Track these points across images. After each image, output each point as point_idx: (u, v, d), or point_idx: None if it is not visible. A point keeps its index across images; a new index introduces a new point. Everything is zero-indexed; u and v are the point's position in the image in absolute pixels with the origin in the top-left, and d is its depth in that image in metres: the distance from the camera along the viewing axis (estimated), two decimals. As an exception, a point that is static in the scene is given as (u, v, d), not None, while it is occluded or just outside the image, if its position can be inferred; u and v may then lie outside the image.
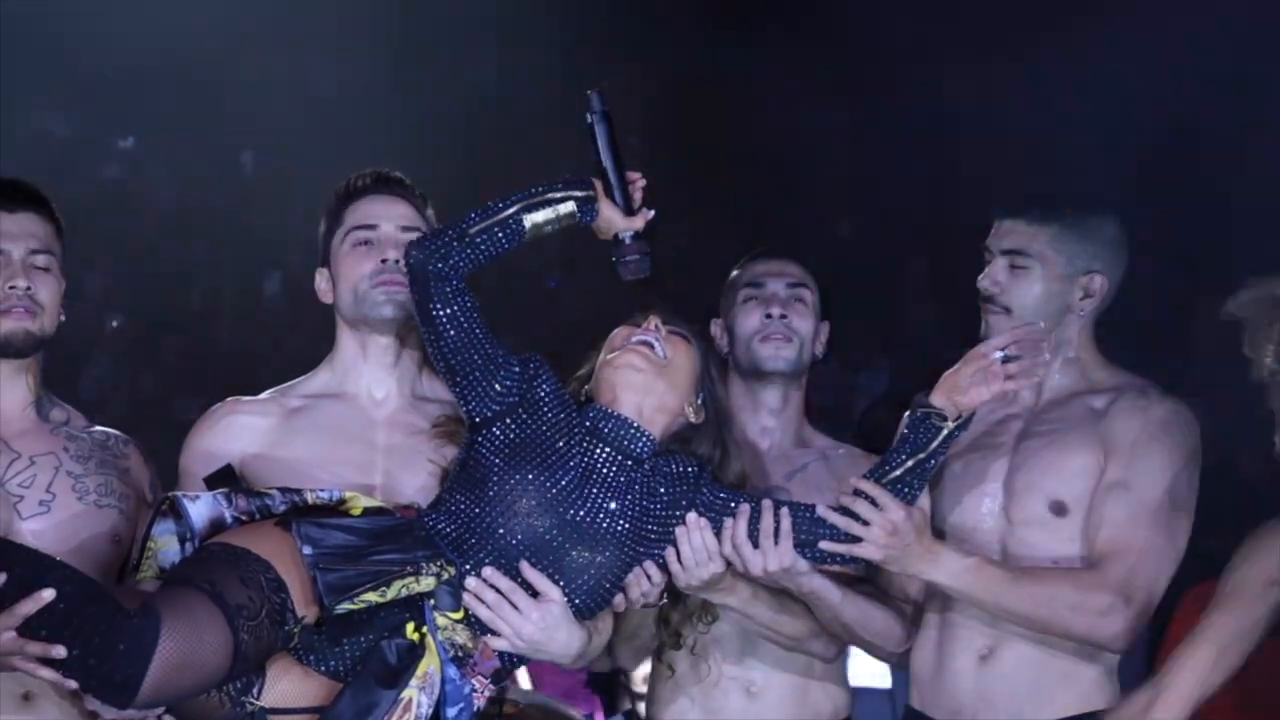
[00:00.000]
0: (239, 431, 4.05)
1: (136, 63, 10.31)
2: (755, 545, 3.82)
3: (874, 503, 3.80)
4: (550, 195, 3.84)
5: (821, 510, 3.84)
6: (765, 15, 10.58)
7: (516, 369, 3.83)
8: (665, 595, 3.93)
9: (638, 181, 3.90)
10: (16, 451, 3.96)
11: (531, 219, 3.83)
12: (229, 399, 4.14)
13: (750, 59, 10.32)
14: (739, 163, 10.62)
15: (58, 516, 3.90)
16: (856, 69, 10.39)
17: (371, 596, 3.57)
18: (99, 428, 4.12)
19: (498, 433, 3.78)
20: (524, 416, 3.80)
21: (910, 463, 3.83)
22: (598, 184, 3.86)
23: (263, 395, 4.15)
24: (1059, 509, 3.99)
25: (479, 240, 3.80)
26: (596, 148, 3.88)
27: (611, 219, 3.86)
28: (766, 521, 3.82)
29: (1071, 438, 4.02)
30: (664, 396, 3.85)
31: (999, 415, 4.15)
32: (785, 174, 10.47)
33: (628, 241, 3.88)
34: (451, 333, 3.79)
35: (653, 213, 3.90)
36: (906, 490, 3.83)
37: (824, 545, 3.83)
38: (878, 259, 9.98)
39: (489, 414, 3.80)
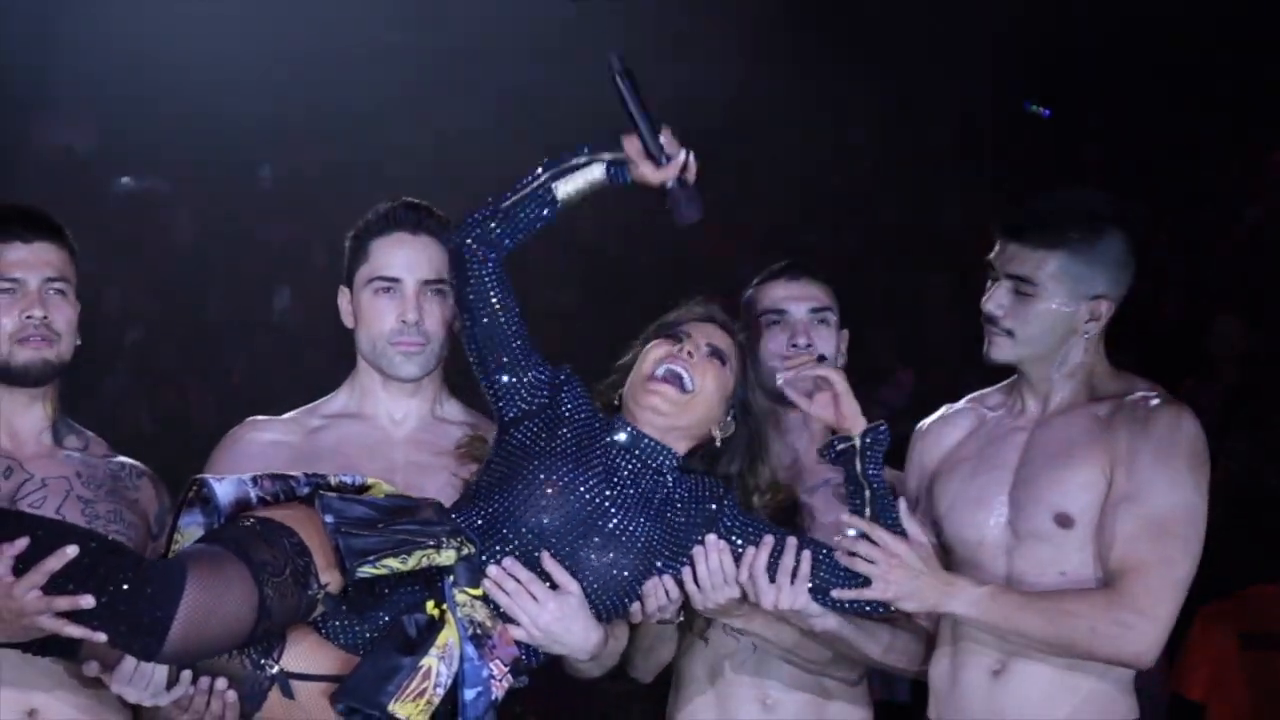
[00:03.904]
0: (260, 450, 4.09)
1: (156, 78, 10.33)
2: (772, 579, 3.81)
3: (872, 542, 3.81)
4: (576, 163, 3.85)
5: (838, 555, 3.83)
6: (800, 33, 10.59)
7: (546, 373, 3.87)
8: (683, 613, 3.93)
9: (673, 140, 3.85)
10: (29, 473, 4.01)
11: (562, 188, 3.85)
12: (249, 419, 4.19)
13: (790, 75, 10.34)
14: (765, 174, 10.62)
15: None
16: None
17: (392, 562, 3.59)
18: (119, 458, 4.17)
19: (526, 431, 3.82)
20: (550, 419, 3.84)
21: (862, 498, 3.84)
22: (628, 142, 3.84)
23: (285, 415, 4.19)
24: (1064, 522, 3.96)
25: (515, 214, 3.84)
26: (625, 107, 3.85)
27: (647, 174, 3.85)
28: (788, 559, 3.81)
29: (1075, 450, 3.97)
30: (689, 426, 3.87)
31: (1004, 428, 4.12)
32: (809, 185, 10.47)
33: (674, 188, 3.85)
34: (485, 320, 3.83)
35: (691, 156, 3.86)
36: (886, 524, 3.84)
37: (836, 593, 3.83)
38: (900, 271, 9.96)
39: (517, 411, 3.84)
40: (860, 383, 3.94)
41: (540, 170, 3.85)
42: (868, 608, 3.86)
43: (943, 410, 4.27)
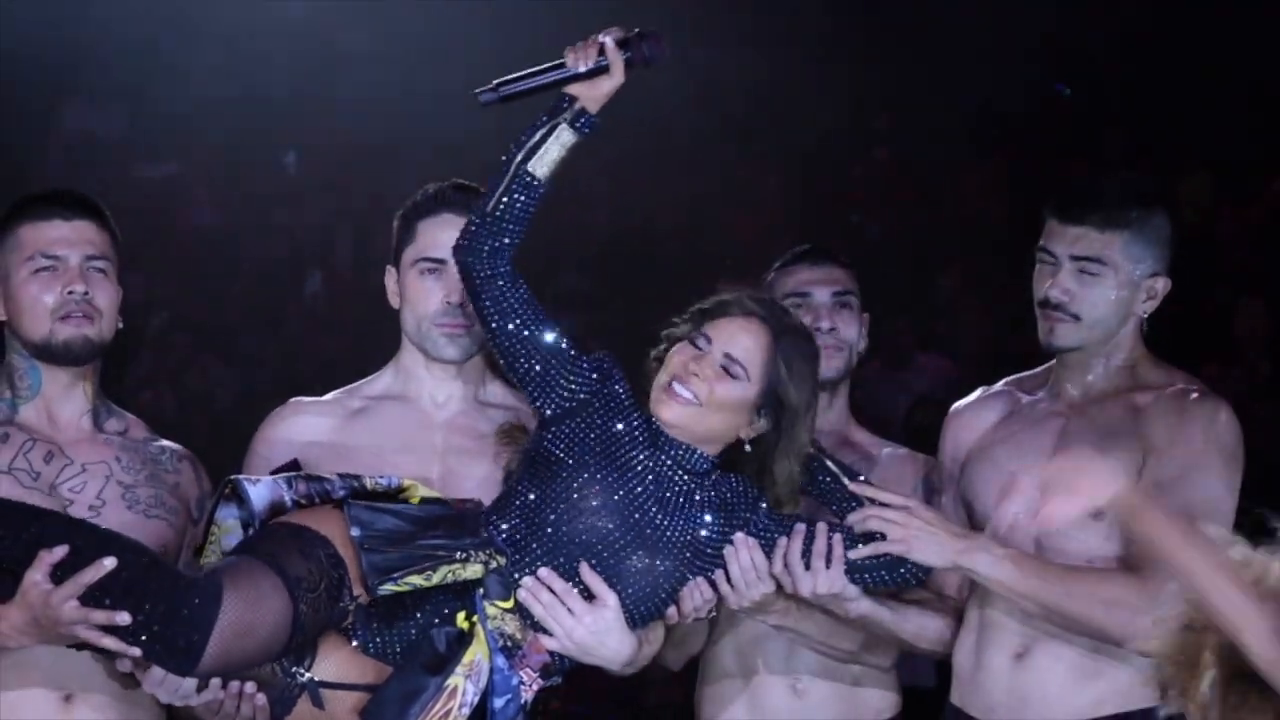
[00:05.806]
0: (301, 431, 4.11)
1: (182, 64, 10.35)
2: (807, 566, 3.82)
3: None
4: (539, 135, 3.76)
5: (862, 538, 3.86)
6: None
7: (585, 367, 3.81)
8: (717, 611, 3.92)
9: (586, 48, 3.80)
10: (69, 458, 4.01)
11: (540, 167, 3.77)
12: (291, 400, 4.20)
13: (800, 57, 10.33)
14: (786, 159, 10.63)
15: (106, 524, 3.86)
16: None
17: (416, 580, 3.59)
18: (159, 441, 4.17)
19: (567, 429, 3.78)
20: (594, 413, 3.79)
21: (841, 490, 3.87)
22: (570, 91, 3.79)
23: (327, 396, 4.21)
24: (1096, 510, 3.96)
25: (504, 213, 3.76)
26: (534, 90, 3.81)
27: (605, 90, 3.79)
28: (820, 543, 3.82)
29: (1111, 439, 3.97)
30: (710, 431, 3.80)
31: (1040, 413, 4.13)
32: (829, 171, 10.47)
33: (634, 58, 3.80)
34: (510, 327, 3.77)
35: (610, 38, 3.80)
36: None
37: (853, 554, 3.82)
38: (920, 256, 9.96)
39: (558, 410, 3.79)
40: (885, 367, 3.94)
41: (507, 159, 3.77)
42: (900, 575, 3.87)
43: (978, 393, 4.29)
